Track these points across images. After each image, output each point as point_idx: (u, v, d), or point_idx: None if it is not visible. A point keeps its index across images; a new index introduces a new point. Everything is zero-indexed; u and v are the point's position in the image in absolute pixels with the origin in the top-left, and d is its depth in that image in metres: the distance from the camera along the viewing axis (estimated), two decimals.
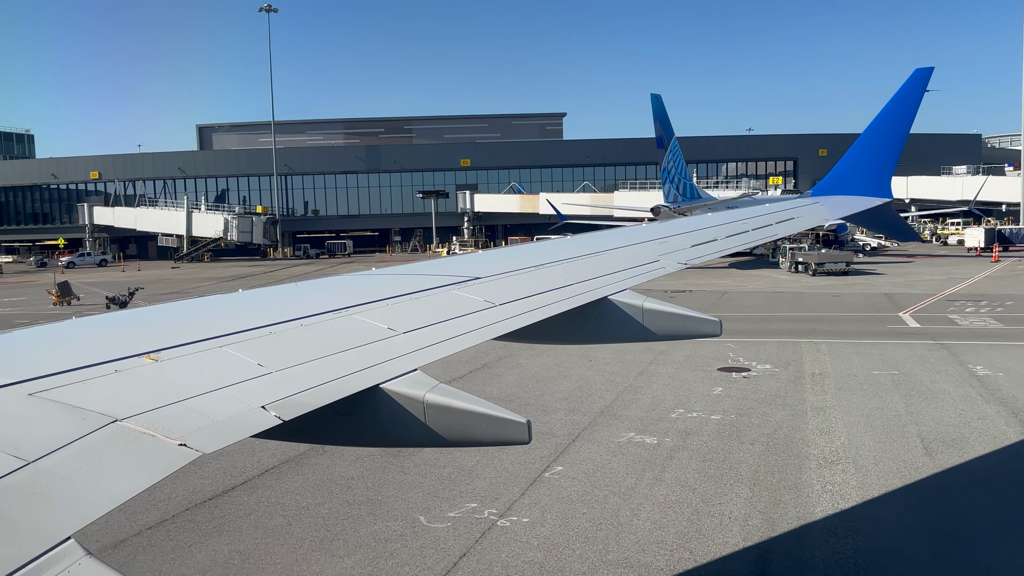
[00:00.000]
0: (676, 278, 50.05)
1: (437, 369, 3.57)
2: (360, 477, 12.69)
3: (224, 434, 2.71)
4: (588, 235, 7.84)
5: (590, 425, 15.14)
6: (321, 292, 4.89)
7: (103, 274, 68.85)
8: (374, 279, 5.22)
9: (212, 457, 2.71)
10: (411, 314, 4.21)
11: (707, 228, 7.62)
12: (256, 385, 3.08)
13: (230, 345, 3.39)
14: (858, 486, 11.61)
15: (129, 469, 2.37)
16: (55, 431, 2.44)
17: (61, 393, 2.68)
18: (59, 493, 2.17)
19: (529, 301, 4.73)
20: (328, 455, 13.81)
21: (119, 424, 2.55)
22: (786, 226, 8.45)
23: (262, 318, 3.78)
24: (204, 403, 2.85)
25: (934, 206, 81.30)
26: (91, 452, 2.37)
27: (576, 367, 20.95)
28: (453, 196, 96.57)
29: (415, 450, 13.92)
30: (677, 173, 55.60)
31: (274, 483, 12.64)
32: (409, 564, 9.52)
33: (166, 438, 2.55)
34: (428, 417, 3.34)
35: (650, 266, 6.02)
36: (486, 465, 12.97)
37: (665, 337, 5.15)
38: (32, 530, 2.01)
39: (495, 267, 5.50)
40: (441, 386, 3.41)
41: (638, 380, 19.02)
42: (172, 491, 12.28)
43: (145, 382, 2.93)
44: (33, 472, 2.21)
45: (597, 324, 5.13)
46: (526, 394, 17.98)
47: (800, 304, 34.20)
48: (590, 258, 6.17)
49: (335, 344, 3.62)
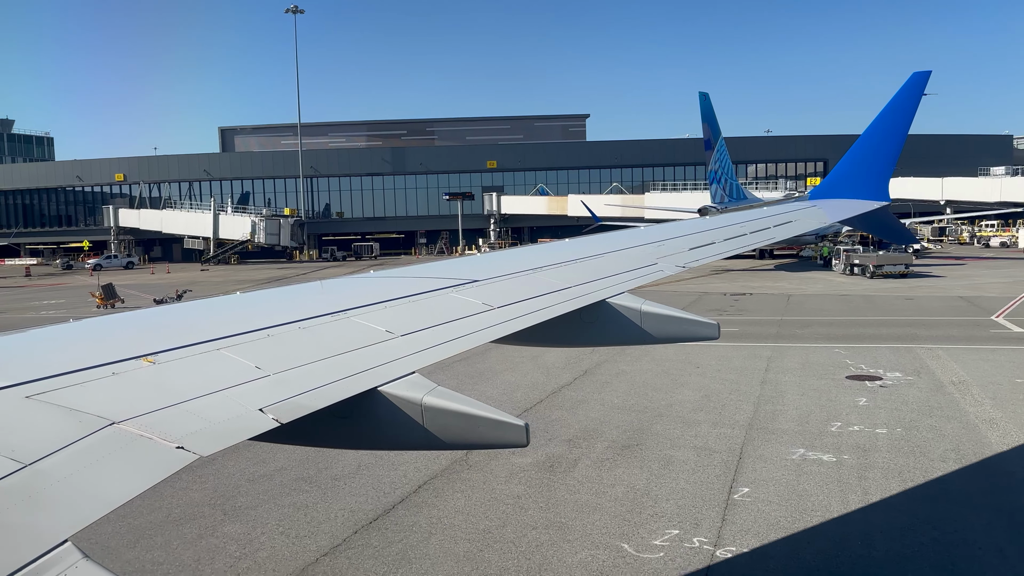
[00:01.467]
0: (728, 280, 49.04)
1: (537, 376, 2.70)
2: (527, 495, 11.66)
3: (222, 437, 2.69)
4: (586, 238, 7.65)
5: (748, 440, 14.06)
6: (319, 294, 4.85)
7: (132, 276, 68.01)
8: (372, 281, 5.22)
9: (349, 470, 1.92)
10: (409, 316, 4.20)
11: (705, 231, 7.57)
12: (254, 388, 3.07)
13: (228, 347, 3.37)
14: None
15: (126, 472, 2.35)
16: (52, 433, 2.42)
17: (58, 395, 2.66)
18: (56, 496, 2.15)
19: (527, 304, 4.72)
20: (478, 470, 12.80)
21: (116, 427, 2.54)
22: (783, 229, 8.36)
23: (260, 320, 3.76)
24: (201, 406, 2.84)
25: (971, 207, 79.88)
26: (88, 455, 2.36)
27: (687, 374, 19.90)
28: (478, 198, 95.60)
29: (572, 465, 12.91)
30: (724, 174, 54.52)
31: (435, 501, 11.63)
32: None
33: (163, 441, 2.53)
34: (426, 420, 3.31)
35: (648, 269, 5.96)
36: (658, 485, 11.94)
37: (663, 340, 5.12)
38: (29, 533, 1.99)
39: (493, 270, 5.48)
40: (439, 389, 3.38)
41: (765, 389, 17.95)
42: (326, 509, 11.28)
43: (142, 384, 2.91)
44: (30, 475, 2.19)
45: (595, 327, 5.10)
46: (651, 404, 16.93)
47: (877, 308, 33.03)
48: (588, 261, 6.13)
49: (333, 346, 3.61)
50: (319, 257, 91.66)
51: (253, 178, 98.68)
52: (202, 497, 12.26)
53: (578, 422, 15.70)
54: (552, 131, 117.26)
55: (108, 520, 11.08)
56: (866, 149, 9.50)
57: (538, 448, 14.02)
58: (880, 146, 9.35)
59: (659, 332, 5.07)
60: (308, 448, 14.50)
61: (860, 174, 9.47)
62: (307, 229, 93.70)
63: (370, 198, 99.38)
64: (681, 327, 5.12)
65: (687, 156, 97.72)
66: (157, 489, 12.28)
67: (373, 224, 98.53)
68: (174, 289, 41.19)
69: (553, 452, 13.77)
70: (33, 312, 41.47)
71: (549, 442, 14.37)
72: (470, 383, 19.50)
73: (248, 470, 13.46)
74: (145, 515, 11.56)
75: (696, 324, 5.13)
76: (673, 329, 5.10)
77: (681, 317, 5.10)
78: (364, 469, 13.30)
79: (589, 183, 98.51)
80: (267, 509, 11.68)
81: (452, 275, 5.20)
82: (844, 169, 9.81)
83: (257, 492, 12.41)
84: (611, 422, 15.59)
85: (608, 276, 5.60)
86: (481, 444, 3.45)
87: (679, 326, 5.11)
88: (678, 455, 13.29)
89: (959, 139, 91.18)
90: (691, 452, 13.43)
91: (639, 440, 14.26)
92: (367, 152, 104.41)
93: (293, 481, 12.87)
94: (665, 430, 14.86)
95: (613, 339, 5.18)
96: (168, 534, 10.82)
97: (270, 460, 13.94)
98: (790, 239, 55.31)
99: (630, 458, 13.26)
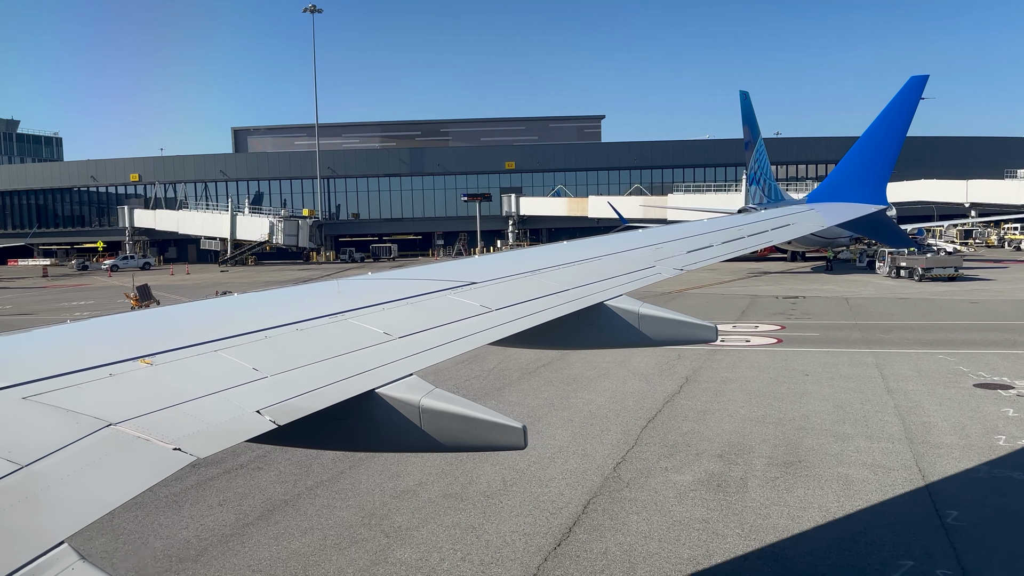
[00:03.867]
0: (771, 282, 48.24)
1: (635, 383, 3.24)
2: (715, 519, 10.73)
3: (219, 439, 2.68)
4: (585, 240, 7.58)
5: (919, 456, 13.13)
6: (317, 296, 4.85)
7: (150, 277, 66.68)
8: (370, 283, 5.26)
9: (496, 486, 2.78)
10: (407, 318, 4.19)
11: (703, 234, 7.55)
12: (251, 389, 3.06)
13: (225, 349, 3.36)
14: None
15: (123, 473, 2.35)
16: (49, 435, 2.42)
17: (55, 397, 2.66)
18: (53, 497, 2.15)
19: (525, 306, 4.72)
20: (636, 488, 11.89)
21: (113, 428, 2.53)
22: (781, 232, 8.40)
23: (258, 322, 3.74)
24: (199, 407, 2.83)
25: (996, 210, 79.00)
26: (85, 456, 2.36)
27: (800, 381, 18.99)
28: (496, 199, 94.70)
29: (741, 484, 11.99)
30: (763, 175, 53.70)
31: (612, 524, 10.70)
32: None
33: (160, 442, 2.52)
34: (424, 422, 3.31)
35: (646, 271, 5.96)
36: (852, 507, 11.03)
37: (661, 342, 5.13)
38: (25, 534, 1.98)
39: (492, 272, 5.49)
40: (437, 391, 3.38)
41: (897, 399, 17.03)
42: (496, 531, 10.35)
43: (140, 386, 2.90)
44: (27, 476, 2.19)
45: (593, 329, 5.11)
46: (784, 415, 16.03)
47: (947, 311, 32.15)
48: (586, 263, 6.14)
49: (331, 348, 3.60)
50: (336, 258, 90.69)
51: (269, 179, 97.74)
52: (351, 516, 11.33)
53: (715, 435, 14.78)
54: (567, 132, 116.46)
55: (256, 546, 10.13)
56: (863, 153, 9.51)
57: (690, 464, 13.12)
58: (877, 150, 9.36)
59: (657, 335, 5.08)
60: (442, 461, 13.63)
61: (857, 178, 9.47)
62: (324, 230, 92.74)
63: (387, 199, 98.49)
64: (679, 330, 5.10)
65: (707, 158, 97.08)
66: (295, 507, 11.27)
67: (390, 225, 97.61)
68: (214, 290, 40.24)
69: (709, 468, 12.85)
70: (67, 314, 40.49)
71: (698, 457, 13.45)
72: (569, 391, 18.59)
73: (386, 485, 12.54)
74: (297, 538, 10.64)
75: (694, 327, 5.10)
76: (671, 332, 5.10)
77: (679, 320, 5.08)
78: (512, 485, 12.40)
79: (608, 184, 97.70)
80: (431, 530, 10.75)
81: (451, 277, 5.19)
82: (842, 172, 9.81)
83: (408, 511, 11.49)
84: (753, 435, 14.67)
85: (606, 279, 5.58)
86: (479, 446, 3.42)
87: (677, 329, 5.09)
88: (853, 474, 12.37)
89: (985, 141, 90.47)
90: (864, 470, 12.51)
91: (798, 456, 13.33)
92: (384, 153, 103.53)
93: (441, 498, 11.96)
94: (819, 445, 13.94)
95: (611, 342, 5.19)
96: (337, 560, 9.89)
97: (405, 473, 13.03)
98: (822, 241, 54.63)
99: (801, 476, 12.34)
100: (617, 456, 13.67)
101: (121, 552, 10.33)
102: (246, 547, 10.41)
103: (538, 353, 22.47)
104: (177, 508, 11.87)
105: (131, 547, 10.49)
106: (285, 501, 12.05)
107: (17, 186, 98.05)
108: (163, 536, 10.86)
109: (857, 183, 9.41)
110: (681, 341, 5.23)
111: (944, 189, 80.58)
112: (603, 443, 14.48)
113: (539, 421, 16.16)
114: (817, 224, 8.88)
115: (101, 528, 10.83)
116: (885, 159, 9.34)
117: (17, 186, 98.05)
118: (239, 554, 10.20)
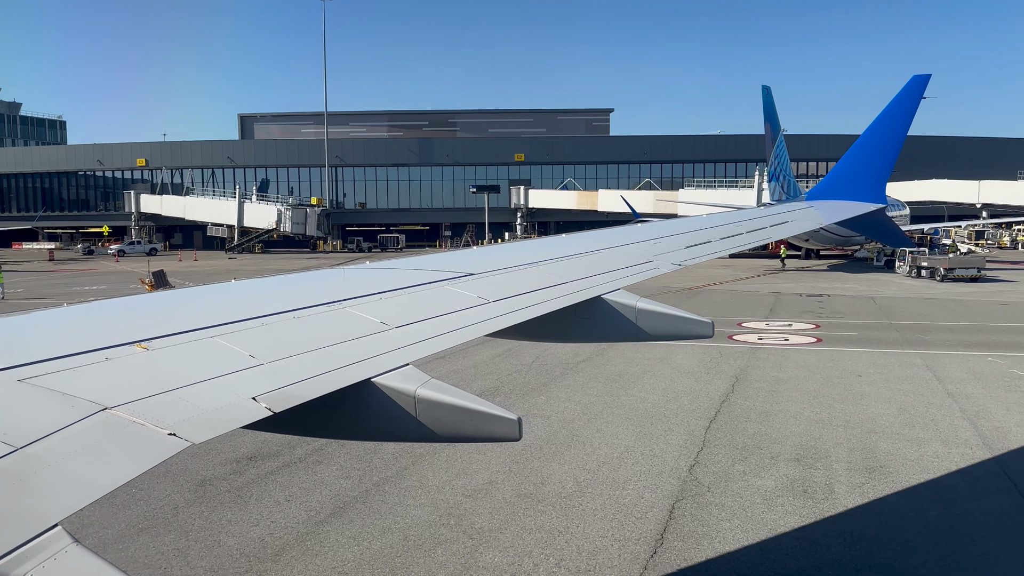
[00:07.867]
0: (791, 279, 47.82)
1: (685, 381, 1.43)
2: (803, 528, 10.32)
3: (214, 424, 2.65)
4: (583, 233, 7.60)
5: (1004, 464, 12.73)
6: (314, 284, 4.82)
7: (158, 263, 66.29)
8: (368, 273, 5.24)
9: (570, 488, 3.34)
10: (404, 308, 4.16)
11: (702, 230, 7.52)
12: (247, 376, 3.03)
13: (222, 336, 3.33)
14: None
15: (118, 458, 2.33)
16: (44, 418, 2.40)
17: (51, 380, 2.63)
18: (47, 480, 2.13)
19: (523, 298, 4.70)
20: (716, 492, 11.47)
21: (109, 412, 2.52)
22: (779, 229, 8.37)
23: (254, 309, 3.71)
24: (194, 393, 2.80)
25: (1009, 211, 78.59)
26: (80, 440, 2.34)
27: (854, 383, 18.58)
28: (504, 191, 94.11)
29: (828, 491, 11.58)
30: (782, 171, 53.18)
31: (704, 531, 10.28)
32: None
33: (155, 427, 2.50)
34: (419, 412, 3.28)
35: (644, 266, 5.95)
36: (931, 513, 10.62)
37: (657, 337, 5.12)
38: (19, 517, 1.97)
39: (490, 263, 5.45)
40: (433, 381, 3.35)
41: (961, 403, 16.64)
42: (584, 534, 9.92)
43: (136, 370, 2.87)
44: (21, 458, 2.17)
45: (590, 323, 5.09)
46: (850, 418, 15.63)
47: (979, 312, 31.76)
48: (585, 256, 6.13)
49: (327, 337, 3.57)
50: (344, 248, 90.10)
51: (277, 166, 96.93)
52: (427, 516, 10.90)
53: (784, 437, 14.36)
54: (575, 125, 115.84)
55: (336, 546, 9.43)
56: (864, 151, 9.46)
57: (768, 468, 12.71)
58: (878, 149, 9.31)
59: (654, 329, 5.07)
60: (508, 458, 13.20)
61: (857, 176, 9.43)
62: (331, 220, 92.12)
63: (395, 189, 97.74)
64: (676, 325, 5.09)
65: (718, 153, 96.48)
66: (367, 504, 10.78)
67: (398, 215, 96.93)
68: (231, 277, 39.68)
69: (788, 474, 12.43)
70: (81, 298, 39.90)
71: (774, 461, 13.03)
72: (618, 388, 18.17)
73: (455, 482, 12.11)
74: (377, 537, 10.21)
75: (691, 323, 5.08)
76: (668, 327, 5.09)
77: (677, 315, 5.07)
78: (587, 486, 11.99)
79: (618, 178, 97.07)
80: (514, 533, 10.33)
81: (449, 268, 5.18)
82: (841, 171, 9.76)
83: (485, 511, 11.06)
84: (824, 438, 14.26)
85: (604, 272, 5.56)
86: (474, 437, 3.42)
87: (674, 324, 5.09)
88: (941, 481, 11.97)
89: (997, 142, 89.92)
90: (951, 477, 12.11)
91: (878, 462, 12.91)
92: (393, 143, 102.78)
93: (516, 498, 11.54)
94: (896, 449, 13.53)
95: (608, 335, 5.20)
96: (425, 563, 9.46)
97: (471, 470, 12.60)
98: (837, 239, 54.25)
99: (888, 483, 11.93)
100: (688, 458, 13.25)
101: (194, 551, 9.88)
102: (325, 547, 9.97)
103: (575, 348, 22.05)
104: (243, 503, 11.43)
105: (204, 545, 10.05)
106: (354, 498, 11.61)
107: (22, 168, 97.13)
108: (235, 534, 10.42)
109: (857, 181, 9.38)
110: (677, 336, 5.24)
111: (956, 189, 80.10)
112: (669, 444, 14.06)
113: (596, 419, 15.73)
114: (815, 222, 8.89)
115: (168, 524, 10.38)
116: (885, 158, 9.28)
117: (22, 168, 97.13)
118: (319, 555, 9.77)
